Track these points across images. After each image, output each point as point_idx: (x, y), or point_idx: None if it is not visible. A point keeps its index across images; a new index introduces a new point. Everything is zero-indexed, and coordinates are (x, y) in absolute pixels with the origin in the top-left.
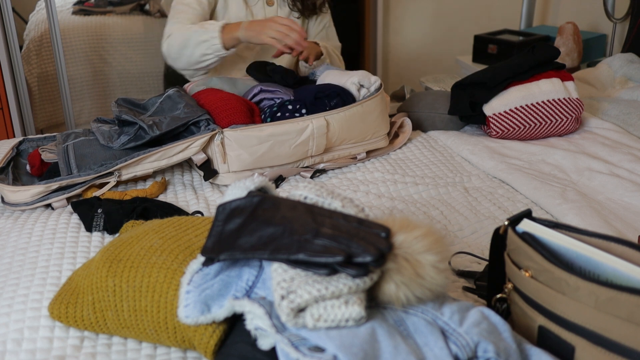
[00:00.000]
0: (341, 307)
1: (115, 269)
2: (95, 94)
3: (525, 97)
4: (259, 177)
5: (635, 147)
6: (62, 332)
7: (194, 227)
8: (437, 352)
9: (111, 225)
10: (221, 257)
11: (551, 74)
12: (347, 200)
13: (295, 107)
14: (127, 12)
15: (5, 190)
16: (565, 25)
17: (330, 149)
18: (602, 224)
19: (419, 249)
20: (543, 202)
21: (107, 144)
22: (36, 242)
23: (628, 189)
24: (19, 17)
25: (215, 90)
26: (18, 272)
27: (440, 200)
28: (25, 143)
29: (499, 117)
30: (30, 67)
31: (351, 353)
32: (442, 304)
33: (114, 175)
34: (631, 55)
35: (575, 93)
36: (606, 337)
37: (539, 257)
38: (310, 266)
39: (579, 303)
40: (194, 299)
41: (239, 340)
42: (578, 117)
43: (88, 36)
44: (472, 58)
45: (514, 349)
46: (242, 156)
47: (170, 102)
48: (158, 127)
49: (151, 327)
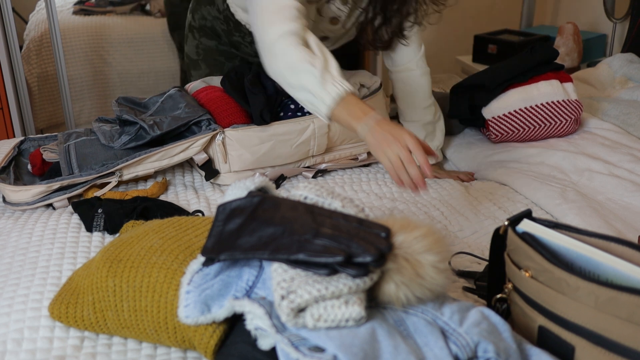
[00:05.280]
0: (341, 307)
1: (116, 269)
2: (95, 94)
3: (524, 99)
4: (259, 177)
5: (635, 148)
6: (62, 332)
7: (194, 227)
8: (437, 352)
9: (111, 225)
10: (221, 257)
11: (550, 75)
12: (347, 200)
13: (298, 106)
14: (128, 12)
15: (6, 190)
16: (565, 25)
17: (331, 148)
18: (602, 224)
19: (419, 249)
20: (543, 203)
21: (108, 143)
22: (37, 242)
23: (628, 189)
24: (19, 17)
25: (215, 88)
26: (18, 272)
27: (441, 201)
28: (27, 142)
29: (498, 121)
30: (30, 67)
31: (351, 353)
32: (442, 304)
33: (115, 175)
34: (631, 55)
35: (574, 94)
36: (606, 337)
37: (539, 257)
38: (310, 266)
39: (579, 303)
40: (194, 299)
41: (239, 340)
42: (577, 118)
43: (88, 36)
44: (472, 58)
45: (514, 349)
46: (244, 156)
47: (172, 102)
48: (159, 127)
49: (151, 327)
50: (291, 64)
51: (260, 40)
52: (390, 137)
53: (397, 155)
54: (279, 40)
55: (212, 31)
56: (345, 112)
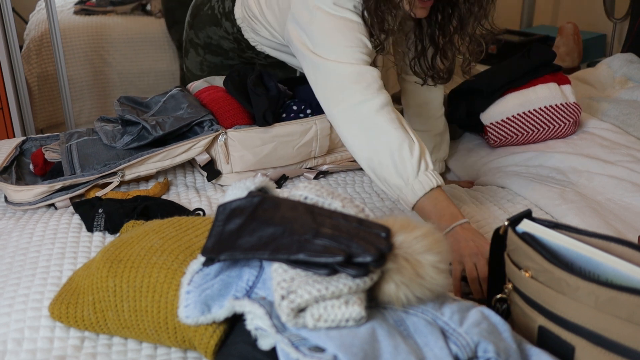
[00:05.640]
0: (341, 307)
1: (116, 269)
2: (95, 94)
3: (522, 104)
4: (259, 177)
5: (635, 148)
6: (62, 332)
7: (194, 227)
8: (437, 352)
9: (112, 225)
10: (221, 257)
11: (548, 78)
12: (347, 201)
13: (300, 108)
14: (128, 12)
15: (8, 190)
16: (565, 25)
17: (333, 150)
18: (601, 224)
19: (419, 249)
20: (542, 203)
21: (110, 143)
22: (37, 242)
23: (628, 189)
24: (19, 17)
25: (217, 88)
26: (19, 272)
27: None
28: (29, 142)
29: (497, 126)
30: (30, 67)
31: (351, 353)
32: (442, 304)
33: (117, 175)
34: (631, 55)
35: (572, 97)
36: (606, 337)
37: (539, 257)
38: (310, 266)
39: (579, 303)
40: (194, 299)
41: (239, 340)
42: (576, 121)
43: (88, 36)
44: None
45: (514, 349)
46: (246, 157)
47: (174, 102)
48: (161, 127)
49: (151, 327)
50: (391, 145)
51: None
52: (473, 245)
53: (474, 265)
54: (377, 114)
55: (218, 48)
56: (431, 206)
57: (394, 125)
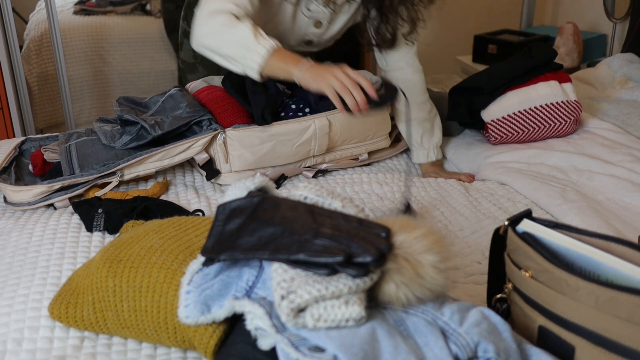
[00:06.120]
0: (341, 307)
1: (116, 269)
2: (95, 94)
3: (522, 101)
4: (259, 177)
5: (635, 148)
6: (62, 332)
7: (194, 227)
8: (437, 352)
9: (111, 225)
10: (221, 257)
11: (548, 76)
12: (347, 201)
13: (299, 106)
14: (128, 12)
15: (7, 190)
16: (565, 25)
17: (332, 149)
18: (602, 224)
19: (419, 249)
20: (543, 203)
21: (109, 143)
22: (37, 242)
23: (628, 189)
24: (19, 17)
25: (216, 88)
26: (18, 272)
27: (441, 201)
28: (28, 142)
29: (497, 123)
30: (30, 67)
31: (351, 353)
32: (442, 304)
33: (116, 175)
34: (631, 55)
35: (573, 95)
36: (606, 337)
37: (539, 257)
38: (310, 266)
39: (579, 303)
40: (194, 299)
41: (239, 340)
42: (577, 119)
43: (88, 36)
44: (472, 58)
45: (514, 349)
46: (245, 156)
47: (173, 102)
48: (160, 126)
49: (151, 327)
50: (224, 22)
51: (197, 15)
52: (329, 68)
53: (340, 81)
54: (215, 13)
55: None
56: (279, 61)
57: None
